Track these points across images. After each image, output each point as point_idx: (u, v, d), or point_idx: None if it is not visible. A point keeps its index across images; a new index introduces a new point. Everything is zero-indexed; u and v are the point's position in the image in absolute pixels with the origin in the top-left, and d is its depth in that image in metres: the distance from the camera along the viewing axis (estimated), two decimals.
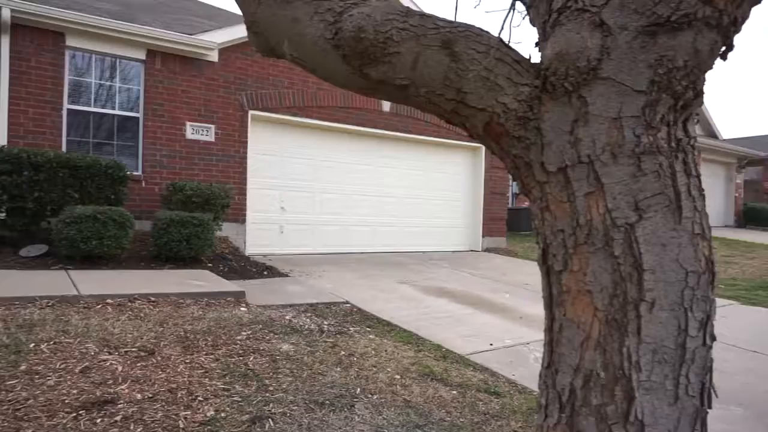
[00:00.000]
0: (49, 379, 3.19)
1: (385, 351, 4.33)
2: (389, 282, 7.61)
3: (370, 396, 3.39)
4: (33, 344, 3.67)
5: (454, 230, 12.15)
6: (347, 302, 6.07)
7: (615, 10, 1.23)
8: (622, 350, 1.22)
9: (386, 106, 10.53)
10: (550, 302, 1.37)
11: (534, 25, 1.41)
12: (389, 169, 11.07)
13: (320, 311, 5.54)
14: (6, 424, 2.65)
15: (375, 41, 1.26)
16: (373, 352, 4.28)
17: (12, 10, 6.92)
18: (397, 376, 3.77)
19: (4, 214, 6.47)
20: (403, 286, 7.34)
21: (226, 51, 8.79)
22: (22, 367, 3.31)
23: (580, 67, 1.23)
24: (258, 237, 9.24)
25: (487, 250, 12.17)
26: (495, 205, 12.49)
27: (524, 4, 1.47)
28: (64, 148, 7.57)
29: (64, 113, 7.65)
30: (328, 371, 3.75)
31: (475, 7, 3.13)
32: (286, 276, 7.35)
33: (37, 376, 3.22)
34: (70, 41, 7.59)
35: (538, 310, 6.31)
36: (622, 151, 1.23)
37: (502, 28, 1.38)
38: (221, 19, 10.42)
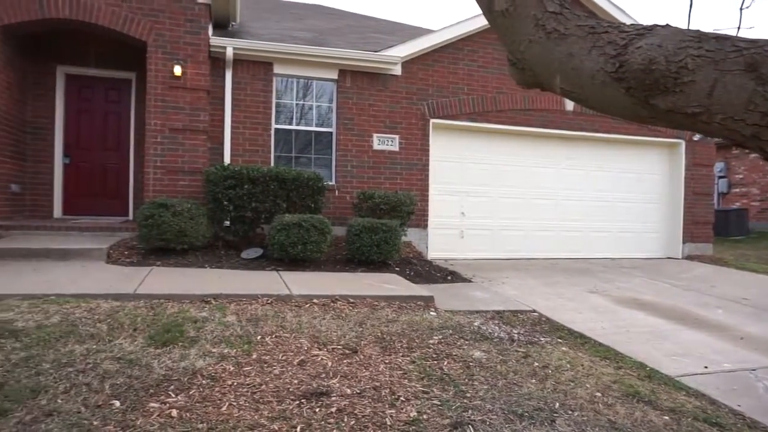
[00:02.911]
0: (275, 369, 3.66)
1: (582, 365, 4.12)
2: (577, 291, 7.22)
3: (570, 412, 3.26)
4: (260, 336, 4.24)
5: (647, 235, 11.08)
6: (534, 311, 5.91)
7: None
8: None
9: (570, 105, 10.03)
10: None
11: None
12: (573, 171, 10.53)
13: (507, 319, 5.48)
14: (248, 404, 3.10)
15: (667, 71, 1.21)
16: (568, 365, 4.10)
17: (234, 48, 8.12)
18: (598, 394, 3.57)
19: (228, 222, 7.58)
20: (593, 296, 6.91)
21: (408, 64, 9.19)
22: (254, 356, 3.85)
23: None
24: (439, 242, 9.47)
25: (689, 257, 10.86)
26: (698, 206, 11.09)
27: None
28: (272, 163, 8.63)
29: (272, 132, 8.72)
30: (524, 382, 3.69)
31: None
32: (470, 281, 7.41)
33: (265, 365, 3.71)
34: (277, 69, 8.62)
35: (764, 329, 5.47)
36: None
37: None
38: (402, 33, 10.92)
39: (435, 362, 3.98)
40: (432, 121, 9.36)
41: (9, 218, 7.71)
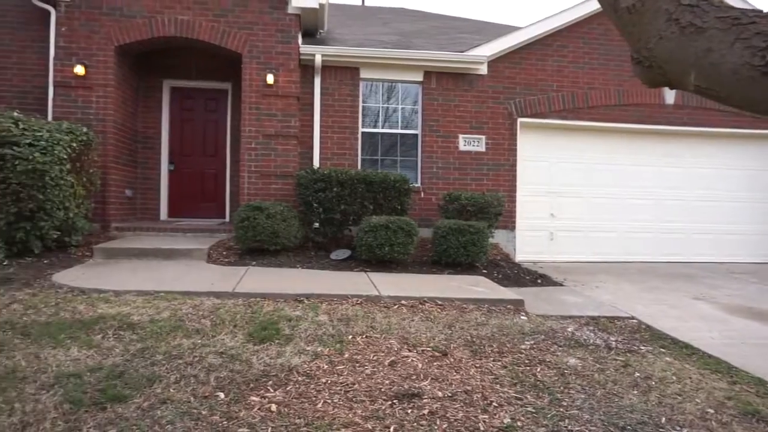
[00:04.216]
0: (366, 368, 3.72)
1: (689, 378, 3.84)
2: (680, 297, 6.74)
3: (678, 428, 3.04)
4: (350, 336, 4.33)
5: (760, 238, 10.14)
6: (632, 317, 5.58)
7: None
8: None
9: (669, 98, 9.40)
10: None
11: None
12: (672, 169, 9.86)
13: (603, 325, 5.23)
14: (341, 402, 3.18)
15: None
16: (673, 377, 3.84)
17: (322, 55, 8.40)
18: (710, 410, 3.30)
19: (318, 224, 7.82)
20: (698, 303, 6.42)
21: (494, 62, 9.03)
22: (346, 355, 3.94)
23: None
24: (527, 244, 9.22)
25: None
26: None
27: None
28: (359, 166, 8.80)
29: (359, 136, 8.90)
30: (624, 393, 3.50)
31: None
32: (561, 285, 7.14)
33: (357, 365, 3.78)
34: (363, 73, 8.79)
35: None
36: None
37: None
38: (488, 32, 10.75)
39: (528, 368, 3.87)
40: (519, 120, 9.13)
41: (123, 220, 8.44)
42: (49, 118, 7.80)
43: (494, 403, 3.25)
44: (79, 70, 7.83)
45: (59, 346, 3.75)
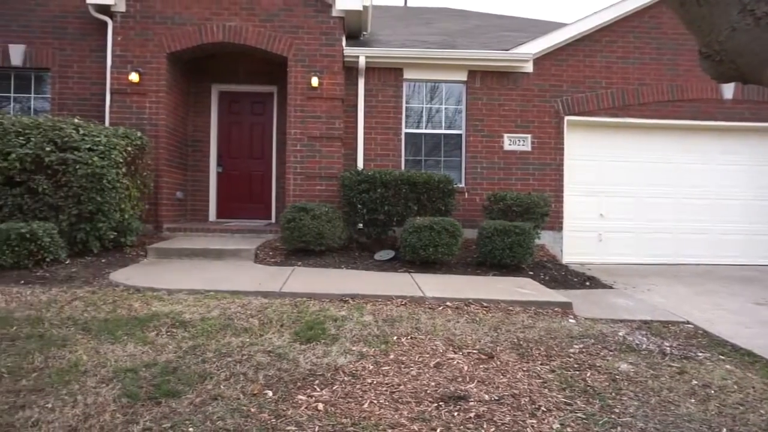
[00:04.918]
0: (412, 370, 3.71)
1: (752, 387, 3.65)
2: (739, 301, 6.43)
3: None
4: (395, 337, 4.34)
5: None
6: (688, 322, 5.36)
7: None
8: None
9: (728, 92, 8.98)
10: None
11: None
12: (733, 167, 9.41)
13: (656, 330, 5.04)
14: (387, 403, 3.18)
15: None
16: (734, 386, 3.66)
17: (366, 57, 8.45)
18: None
19: (362, 225, 7.86)
20: (761, 308, 6.11)
21: (539, 60, 8.86)
22: (391, 356, 3.94)
23: None
24: (574, 245, 9.00)
25: None
26: None
27: None
28: (402, 167, 8.80)
29: (403, 136, 8.90)
30: (681, 401, 3.36)
31: None
32: (610, 288, 6.93)
33: (402, 366, 3.78)
34: (407, 74, 8.80)
35: None
36: None
37: None
38: (533, 29, 10.54)
39: (577, 372, 3.77)
40: (566, 118, 8.93)
41: (174, 221, 8.73)
42: (107, 123, 8.15)
43: (543, 408, 3.19)
44: (134, 77, 8.15)
45: (117, 342, 3.92)
